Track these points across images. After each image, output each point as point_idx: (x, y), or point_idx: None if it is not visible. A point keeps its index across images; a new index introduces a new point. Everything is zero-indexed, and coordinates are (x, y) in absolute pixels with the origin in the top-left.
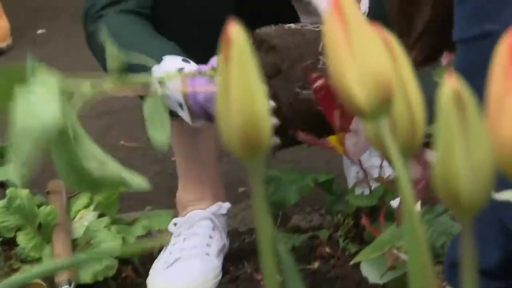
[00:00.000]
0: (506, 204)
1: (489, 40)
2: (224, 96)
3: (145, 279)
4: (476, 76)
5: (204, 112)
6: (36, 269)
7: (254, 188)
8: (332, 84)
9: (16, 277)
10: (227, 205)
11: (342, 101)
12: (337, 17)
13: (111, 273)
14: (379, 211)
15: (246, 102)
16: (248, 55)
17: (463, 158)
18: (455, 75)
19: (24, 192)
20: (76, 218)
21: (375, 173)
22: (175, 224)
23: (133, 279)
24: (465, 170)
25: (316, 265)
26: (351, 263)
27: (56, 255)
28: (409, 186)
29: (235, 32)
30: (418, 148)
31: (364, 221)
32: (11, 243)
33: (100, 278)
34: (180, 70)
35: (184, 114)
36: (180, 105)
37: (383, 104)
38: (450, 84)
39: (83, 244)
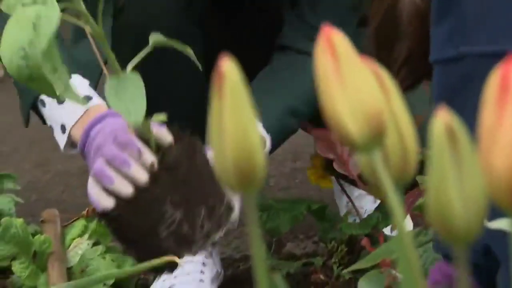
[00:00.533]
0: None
1: (464, 62)
2: (218, 130)
3: None
4: (453, 97)
5: (83, 153)
6: None
7: (249, 216)
8: (324, 117)
9: None
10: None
11: (335, 134)
12: (327, 49)
13: None
14: (373, 238)
15: (239, 136)
16: (240, 89)
17: (456, 189)
18: (445, 108)
19: (19, 221)
20: (70, 247)
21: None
22: None
23: None
24: (459, 201)
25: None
26: (345, 271)
27: (51, 284)
28: (402, 216)
29: (228, 67)
30: (411, 179)
31: (364, 242)
32: (6, 272)
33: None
34: (87, 98)
35: (60, 138)
36: (63, 128)
37: (376, 136)
38: (442, 118)
39: (78, 272)
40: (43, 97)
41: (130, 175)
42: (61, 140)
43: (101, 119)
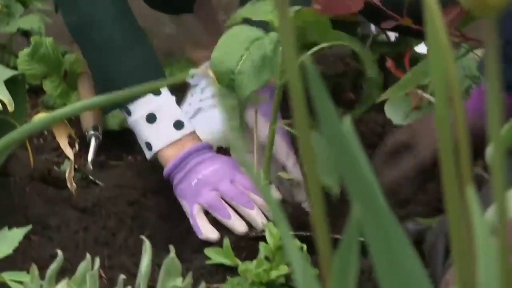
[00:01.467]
0: None
1: None
2: None
3: None
4: None
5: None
6: (63, 109)
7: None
8: None
9: (45, 116)
10: None
11: None
12: None
13: None
14: (403, 57)
15: None
16: None
17: None
18: None
19: (49, 40)
20: None
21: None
22: (192, 76)
23: None
24: None
25: (341, 110)
26: (377, 101)
27: None
28: (439, 19)
29: None
30: None
31: (389, 63)
32: (38, 91)
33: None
34: (179, 124)
35: (147, 153)
36: (148, 146)
37: None
38: None
39: None
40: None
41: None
42: (147, 154)
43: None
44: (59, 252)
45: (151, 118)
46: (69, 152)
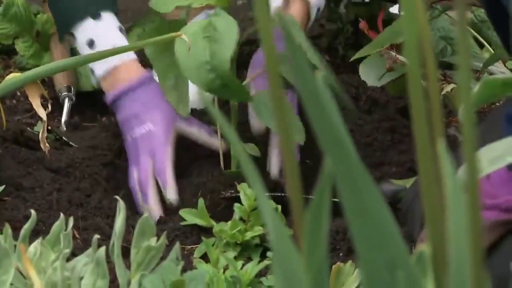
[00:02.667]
0: None
1: None
2: None
3: None
4: None
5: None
6: (36, 69)
7: None
8: None
9: (17, 76)
10: None
11: None
12: None
13: None
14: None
15: None
16: None
17: None
18: None
19: (20, 0)
20: None
21: None
22: None
23: None
24: None
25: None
26: (351, 60)
27: None
28: None
29: None
30: None
31: (362, 25)
32: (9, 52)
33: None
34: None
35: (93, 79)
36: (92, 72)
37: None
38: None
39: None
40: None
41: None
42: (93, 79)
43: (136, 87)
44: (33, 212)
45: (91, 44)
46: (42, 113)
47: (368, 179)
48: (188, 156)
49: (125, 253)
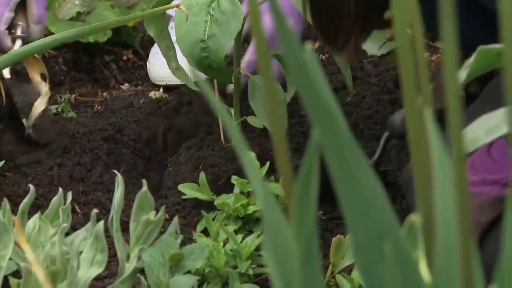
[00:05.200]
0: None
1: None
2: None
3: (145, 62)
4: None
5: None
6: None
7: None
8: None
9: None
10: None
11: None
12: None
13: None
14: None
15: None
16: None
17: None
18: None
19: None
20: None
21: None
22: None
23: (134, 61)
24: None
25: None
26: None
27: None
28: None
29: None
30: None
31: None
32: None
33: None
34: None
35: None
36: None
37: None
38: None
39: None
40: None
41: None
42: None
43: None
44: (31, 187)
45: None
46: (43, 88)
47: (356, 149)
48: (188, 130)
49: (126, 227)
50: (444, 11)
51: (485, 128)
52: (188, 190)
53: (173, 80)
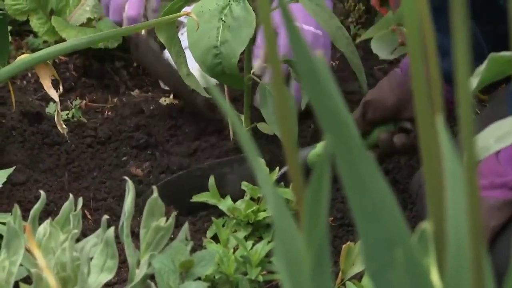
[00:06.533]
0: None
1: None
2: None
3: None
4: None
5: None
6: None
7: None
8: None
9: (29, 56)
10: None
11: None
12: None
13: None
14: None
15: None
16: None
17: None
18: None
19: None
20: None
21: None
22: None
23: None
24: None
25: None
26: (360, 40)
27: None
28: None
29: None
30: None
31: (373, 1)
32: (22, 33)
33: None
34: None
35: None
36: None
37: None
38: None
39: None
40: None
41: None
42: None
43: None
44: (42, 193)
45: None
46: (54, 94)
47: (367, 156)
48: (196, 130)
49: (136, 234)
50: (455, 19)
51: (495, 136)
52: (198, 196)
53: None
